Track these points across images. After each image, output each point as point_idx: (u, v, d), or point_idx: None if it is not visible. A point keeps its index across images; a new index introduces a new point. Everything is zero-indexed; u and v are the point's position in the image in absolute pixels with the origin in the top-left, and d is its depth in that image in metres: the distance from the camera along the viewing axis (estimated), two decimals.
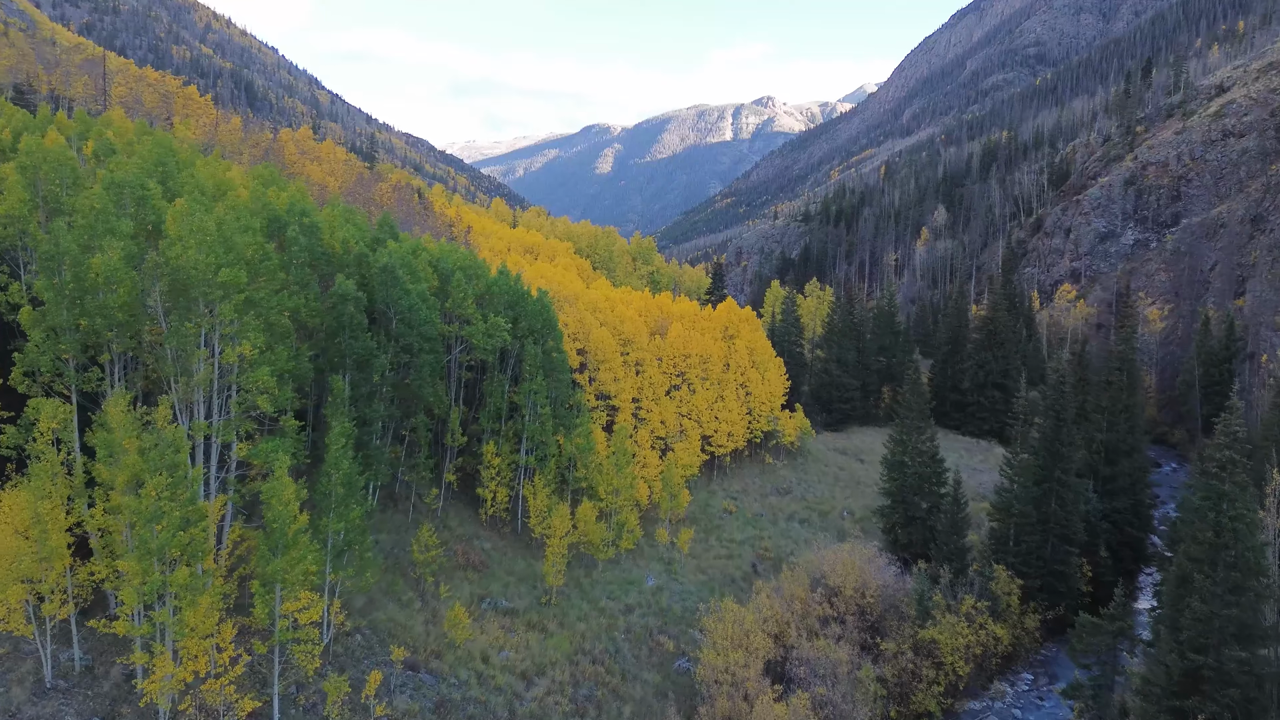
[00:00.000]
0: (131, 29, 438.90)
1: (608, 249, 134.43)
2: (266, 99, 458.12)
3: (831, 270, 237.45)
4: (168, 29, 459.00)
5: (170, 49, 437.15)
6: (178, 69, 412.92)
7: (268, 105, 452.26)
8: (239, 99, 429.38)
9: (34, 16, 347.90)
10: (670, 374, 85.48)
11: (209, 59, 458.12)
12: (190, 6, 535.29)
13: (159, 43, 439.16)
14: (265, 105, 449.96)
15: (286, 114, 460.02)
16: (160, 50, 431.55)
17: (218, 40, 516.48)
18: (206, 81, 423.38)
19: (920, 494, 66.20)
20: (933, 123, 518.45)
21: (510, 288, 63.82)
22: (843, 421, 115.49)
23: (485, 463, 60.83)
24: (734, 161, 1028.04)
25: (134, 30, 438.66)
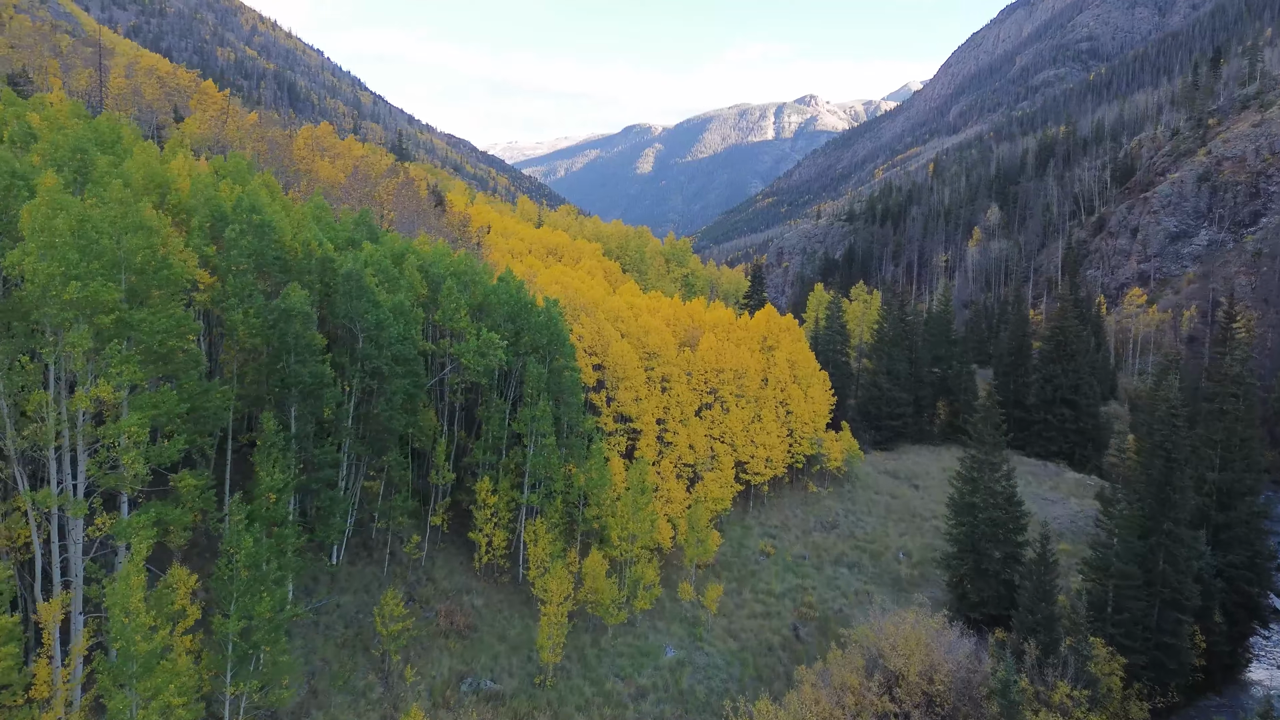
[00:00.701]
0: (177, 31, 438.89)
1: (639, 250, 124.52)
2: (309, 100, 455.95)
3: (877, 271, 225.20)
4: (213, 31, 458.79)
5: (215, 51, 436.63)
6: (222, 70, 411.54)
7: (310, 106, 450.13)
8: (281, 100, 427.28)
9: (80, 19, 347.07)
10: (701, 391, 75.25)
11: (253, 60, 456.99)
12: (236, 9, 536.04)
13: (204, 45, 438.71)
14: (307, 106, 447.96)
15: (328, 114, 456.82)
16: (205, 52, 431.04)
17: (264, 42, 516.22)
18: (250, 83, 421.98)
19: (994, 542, 55.16)
20: (980, 120, 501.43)
21: (511, 297, 54.07)
22: (893, 440, 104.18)
23: (479, 502, 51.20)
24: (776, 160, 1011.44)
25: (180, 32, 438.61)
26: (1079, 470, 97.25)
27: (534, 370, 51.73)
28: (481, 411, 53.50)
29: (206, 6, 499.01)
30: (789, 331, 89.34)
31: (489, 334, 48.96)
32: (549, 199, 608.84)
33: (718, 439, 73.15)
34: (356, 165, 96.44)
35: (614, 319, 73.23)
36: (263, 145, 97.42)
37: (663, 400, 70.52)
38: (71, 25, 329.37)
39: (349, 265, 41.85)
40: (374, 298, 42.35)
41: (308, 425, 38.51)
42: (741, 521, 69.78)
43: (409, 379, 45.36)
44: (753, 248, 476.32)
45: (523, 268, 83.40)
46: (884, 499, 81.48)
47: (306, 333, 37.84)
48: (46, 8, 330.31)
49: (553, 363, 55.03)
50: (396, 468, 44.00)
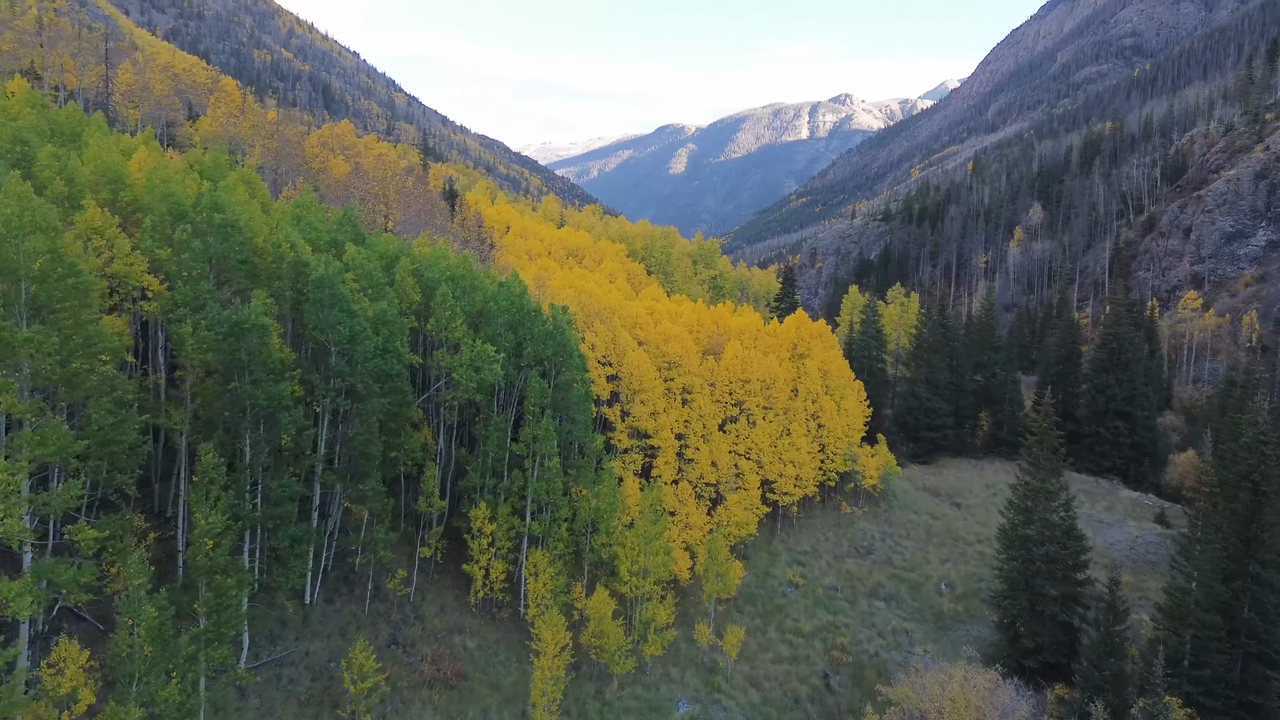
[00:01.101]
0: (215, 34, 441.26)
1: (665, 252, 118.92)
2: (343, 101, 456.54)
3: (914, 273, 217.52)
4: (250, 33, 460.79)
5: (252, 53, 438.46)
6: (258, 72, 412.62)
7: (344, 107, 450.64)
8: (316, 101, 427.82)
9: (119, 22, 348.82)
10: (725, 403, 69.55)
11: (289, 62, 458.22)
12: (274, 11, 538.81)
13: (241, 47, 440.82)
14: (341, 107, 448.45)
15: (362, 115, 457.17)
16: (242, 54, 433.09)
17: (300, 44, 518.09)
18: (286, 84, 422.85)
19: (1051, 580, 48.81)
20: (1020, 117, 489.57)
21: (512, 304, 48.79)
22: (932, 452, 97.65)
23: (474, 530, 46.03)
24: (810, 160, 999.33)
25: (217, 35, 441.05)
26: (1134, 488, 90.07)
27: (536, 385, 46.42)
28: (479, 429, 48.29)
29: (245, 9, 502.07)
30: (821, 338, 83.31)
31: (484, 346, 43.70)
32: (581, 199, 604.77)
33: (743, 455, 67.43)
34: (357, 162, 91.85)
35: (631, 326, 67.77)
36: (274, 143, 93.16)
37: (683, 413, 64.97)
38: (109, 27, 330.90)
39: (320, 270, 36.81)
40: (349, 307, 37.27)
41: (263, 456, 33.47)
42: (768, 546, 63.97)
43: (391, 397, 40.24)
44: (785, 248, 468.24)
45: (536, 270, 78.22)
46: (923, 520, 75.20)
47: (263, 349, 32.84)
48: (85, 10, 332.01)
49: (559, 376, 49.73)
50: (375, 497, 38.88)
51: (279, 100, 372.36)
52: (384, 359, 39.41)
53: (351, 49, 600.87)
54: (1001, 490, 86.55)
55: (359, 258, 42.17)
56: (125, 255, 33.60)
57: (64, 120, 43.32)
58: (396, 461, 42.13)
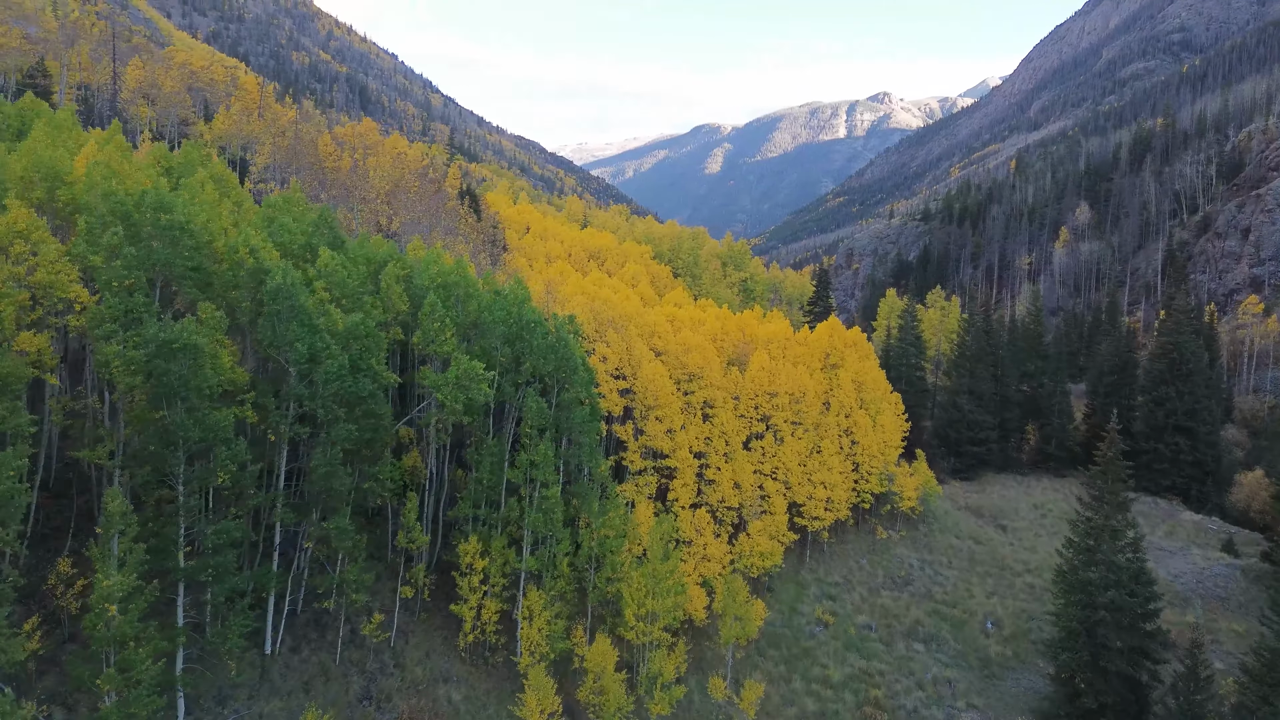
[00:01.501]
0: (255, 36, 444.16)
1: (693, 253, 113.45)
2: (379, 102, 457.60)
3: (954, 274, 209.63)
4: (289, 36, 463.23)
5: (290, 55, 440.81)
6: (296, 74, 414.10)
7: (380, 108, 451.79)
8: (353, 103, 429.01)
9: (160, 25, 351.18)
10: (750, 418, 64.06)
11: (326, 64, 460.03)
12: (314, 14, 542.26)
13: (280, 49, 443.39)
14: (378, 108, 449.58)
15: (398, 116, 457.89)
16: (281, 57, 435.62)
17: (339, 46, 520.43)
18: (324, 86, 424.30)
19: (1116, 629, 42.72)
20: (1064, 115, 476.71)
21: (509, 314, 43.78)
22: (975, 468, 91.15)
23: (463, 567, 41.14)
24: (847, 159, 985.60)
25: (257, 38, 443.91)
26: (1196, 509, 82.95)
27: (534, 405, 41.36)
28: (471, 454, 43.38)
29: (284, 12, 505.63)
30: (855, 347, 77.44)
31: (471, 362, 38.71)
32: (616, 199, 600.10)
33: (768, 475, 61.91)
34: (357, 161, 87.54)
35: (649, 335, 62.51)
36: (284, 141, 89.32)
37: (703, 430, 59.62)
38: (150, 30, 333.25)
39: (278, 279, 32.07)
40: (311, 320, 32.50)
41: (194, 498, 28.79)
42: (796, 577, 58.36)
43: (363, 422, 35.40)
44: (821, 248, 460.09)
45: (551, 274, 73.26)
46: (966, 545, 69.08)
47: (197, 371, 28.17)
48: (127, 14, 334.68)
49: (561, 394, 44.66)
50: (342, 535, 34.06)
51: (316, 101, 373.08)
52: (354, 379, 34.60)
53: (390, 51, 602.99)
54: (1050, 512, 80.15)
55: (332, 264, 37.50)
56: (51, 262, 29.23)
57: (10, 113, 39.18)
58: (371, 493, 37.30)
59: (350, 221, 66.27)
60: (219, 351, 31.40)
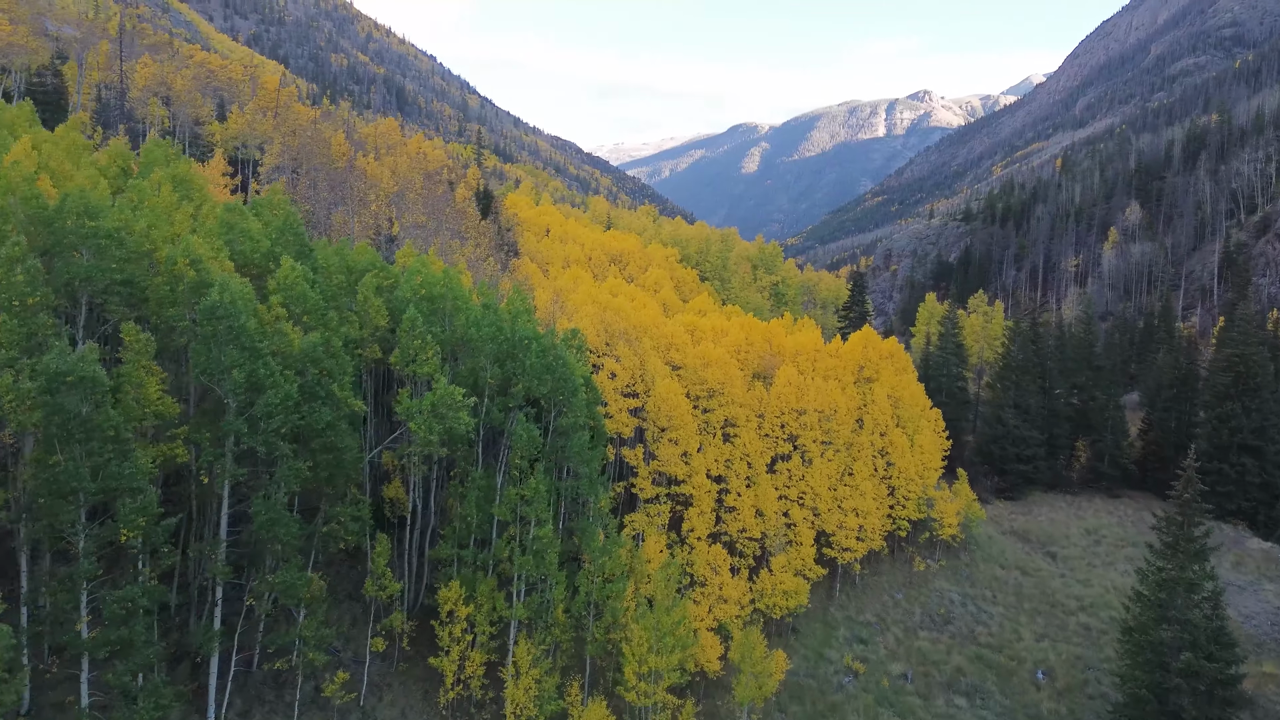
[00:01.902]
0: (294, 39, 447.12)
1: (721, 256, 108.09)
2: (416, 103, 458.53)
3: (996, 276, 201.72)
4: (328, 38, 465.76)
5: (329, 57, 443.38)
6: (335, 76, 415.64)
7: (417, 109, 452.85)
8: (390, 104, 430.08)
9: (201, 28, 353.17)
10: (775, 438, 58.70)
11: (364, 66, 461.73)
12: (353, 17, 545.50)
13: (319, 51, 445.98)
14: (414, 109, 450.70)
15: (434, 117, 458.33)
16: (320, 59, 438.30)
17: (378, 48, 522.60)
18: (361, 88, 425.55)
19: (1193, 699, 36.78)
20: (1110, 112, 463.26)
21: (499, 330, 38.97)
22: (1020, 487, 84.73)
23: (444, 615, 36.45)
24: (887, 158, 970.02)
25: (297, 40, 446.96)
26: (1264, 536, 75.95)
27: (524, 434, 36.50)
28: (454, 487, 38.68)
29: (325, 15, 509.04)
30: (892, 359, 71.65)
31: (449, 388, 33.92)
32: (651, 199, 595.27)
33: (795, 501, 56.55)
34: (352, 161, 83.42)
35: (665, 348, 57.43)
36: (294, 140, 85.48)
37: (723, 451, 54.41)
38: (190, 33, 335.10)
39: (214, 296, 27.56)
40: (253, 342, 27.95)
41: (89, 561, 24.26)
42: (823, 615, 52.93)
43: (321, 457, 30.79)
44: (859, 248, 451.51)
45: (564, 281, 68.40)
46: (1012, 577, 63.08)
47: (99, 409, 23.72)
48: (168, 17, 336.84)
49: (559, 419, 39.77)
50: (292, 591, 29.47)
51: (353, 103, 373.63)
52: (312, 409, 30.01)
53: (429, 53, 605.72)
54: (1105, 538, 73.76)
55: (291, 276, 33.02)
56: None
57: None
58: (333, 536, 32.68)
59: (346, 226, 62.06)
60: (145, 380, 27.03)
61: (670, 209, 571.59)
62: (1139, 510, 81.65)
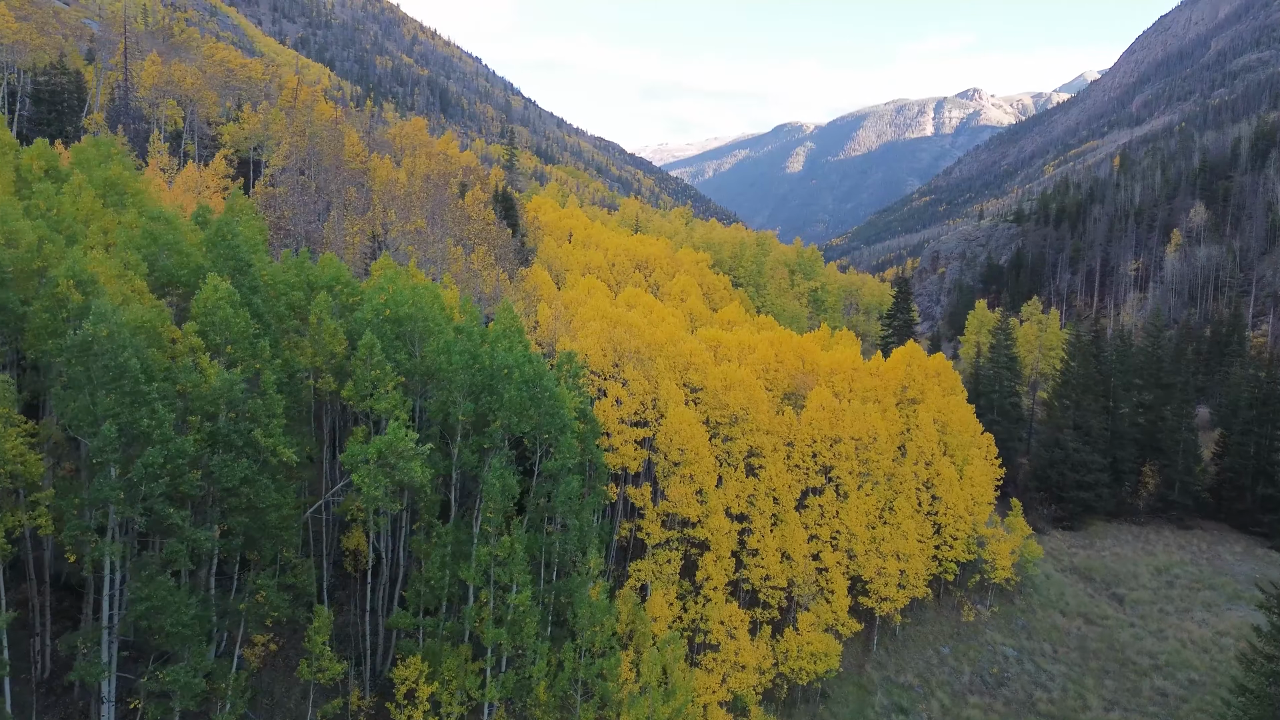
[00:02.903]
0: (341, 42, 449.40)
1: (756, 261, 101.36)
2: (459, 105, 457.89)
3: (1050, 280, 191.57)
4: (374, 40, 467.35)
5: (374, 60, 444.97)
6: (379, 78, 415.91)
7: (460, 110, 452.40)
8: (433, 105, 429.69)
9: (248, 31, 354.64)
10: (807, 469, 52.07)
11: (409, 68, 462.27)
12: (399, 20, 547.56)
13: (364, 54, 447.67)
14: (458, 110, 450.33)
15: (477, 119, 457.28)
16: (365, 61, 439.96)
17: (423, 51, 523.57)
18: (405, 89, 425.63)
19: None
20: (1169, 109, 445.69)
21: (474, 358, 33.03)
22: (1080, 515, 76.86)
23: (399, 698, 30.63)
24: (934, 158, 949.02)
25: (343, 43, 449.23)
26: None
27: (498, 483, 30.53)
28: (417, 543, 32.84)
29: (372, 18, 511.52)
30: (939, 377, 64.44)
31: (399, 432, 28.05)
32: (694, 200, 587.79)
33: (827, 542, 49.91)
34: (338, 156, 78.15)
35: (681, 368, 51.10)
36: (302, 140, 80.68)
37: (745, 486, 47.99)
38: (237, 36, 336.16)
39: (88, 329, 21.98)
40: (137, 384, 22.34)
41: None
42: (858, 677, 46.22)
43: (236, 519, 25.10)
44: (905, 249, 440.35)
45: (577, 293, 62.31)
46: (1075, 627, 55.64)
47: None
48: (216, 20, 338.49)
49: (545, 460, 33.76)
50: (188, 691, 23.78)
51: (396, 104, 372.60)
52: (224, 462, 24.39)
53: (474, 54, 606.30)
54: (1178, 579, 65.75)
55: (213, 299, 27.34)
56: None
57: None
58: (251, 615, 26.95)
59: (338, 233, 56.76)
60: (3, 432, 21.67)
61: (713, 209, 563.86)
62: (1213, 545, 73.40)
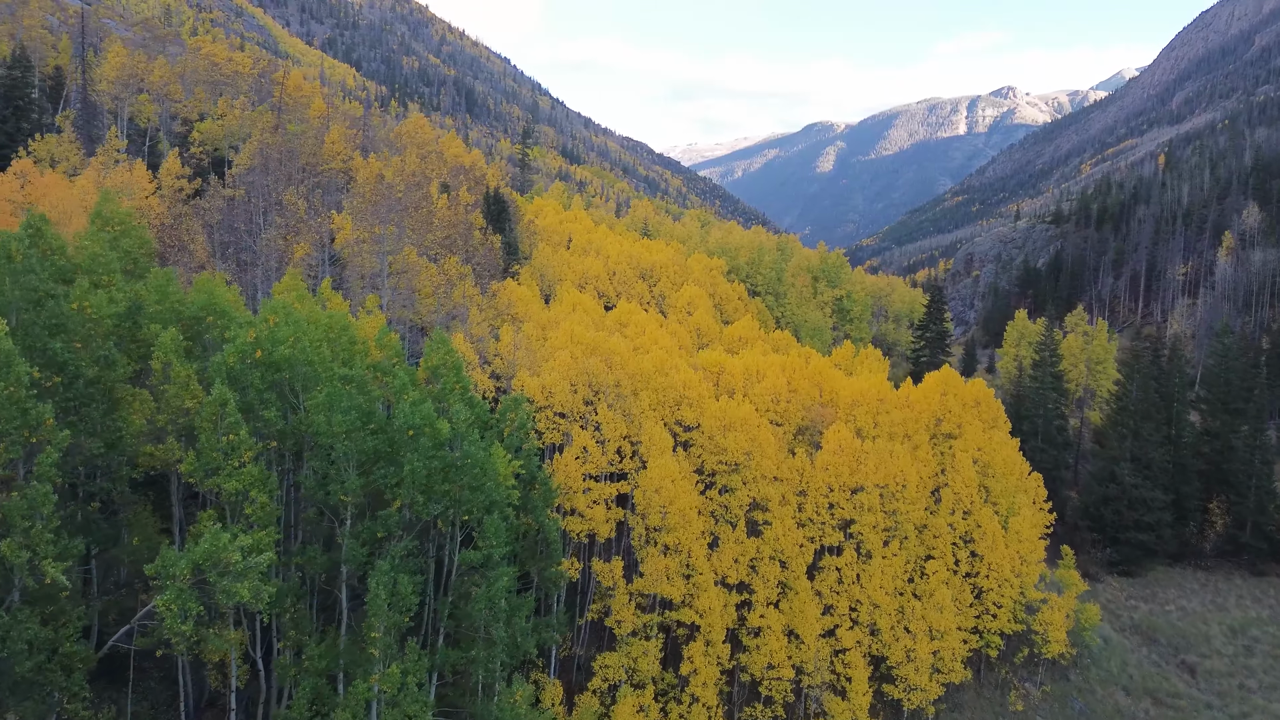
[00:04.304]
0: (368, 42, 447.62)
1: (776, 267, 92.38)
2: (485, 105, 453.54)
3: (1092, 285, 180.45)
4: (401, 41, 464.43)
5: (401, 60, 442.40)
6: (406, 78, 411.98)
7: (486, 111, 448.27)
8: (459, 105, 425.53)
9: (274, 32, 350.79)
10: (822, 523, 43.22)
11: (435, 68, 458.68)
12: (428, 20, 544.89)
13: (391, 54, 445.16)
14: (483, 111, 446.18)
15: (503, 119, 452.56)
16: (392, 61, 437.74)
17: (451, 51, 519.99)
18: (431, 90, 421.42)
19: None
20: (1211, 107, 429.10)
21: (366, 416, 24.61)
22: (1139, 559, 67.01)
23: None
24: (967, 157, 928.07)
25: (370, 43, 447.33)
26: None
27: (383, 593, 22.16)
28: (281, 668, 24.48)
29: (400, 19, 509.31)
30: (978, 407, 55.09)
31: (220, 537, 19.70)
32: (724, 200, 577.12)
33: (846, 614, 41.07)
34: (348, 162, 70.22)
35: (672, 404, 42.44)
36: (273, 138, 72.95)
37: (746, 548, 39.31)
38: (263, 36, 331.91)
39: None
40: None
41: None
42: None
43: None
44: (938, 250, 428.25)
45: (560, 309, 53.71)
46: (1142, 711, 46.29)
47: None
48: (241, 21, 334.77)
49: (464, 551, 25.32)
50: None
51: (422, 105, 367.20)
52: None
53: (503, 55, 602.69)
54: (1259, 643, 55.84)
55: None
56: None
57: None
58: None
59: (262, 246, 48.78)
60: None
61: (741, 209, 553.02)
62: None
